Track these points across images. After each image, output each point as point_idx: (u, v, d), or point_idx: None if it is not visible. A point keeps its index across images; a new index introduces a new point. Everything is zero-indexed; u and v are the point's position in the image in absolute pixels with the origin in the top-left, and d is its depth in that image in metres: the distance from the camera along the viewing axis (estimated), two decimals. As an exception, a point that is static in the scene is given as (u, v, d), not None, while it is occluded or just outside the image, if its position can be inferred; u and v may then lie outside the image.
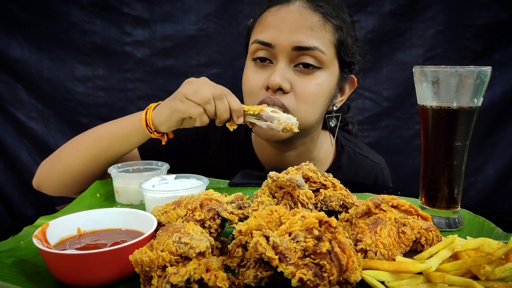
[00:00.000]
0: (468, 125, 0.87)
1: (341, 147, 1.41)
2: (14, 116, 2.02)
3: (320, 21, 1.15)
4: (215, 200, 0.79)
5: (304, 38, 1.13)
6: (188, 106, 1.04)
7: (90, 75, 2.01)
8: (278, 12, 1.17)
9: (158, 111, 1.10)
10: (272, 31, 1.15)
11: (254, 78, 1.19)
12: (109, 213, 0.81)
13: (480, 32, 2.01)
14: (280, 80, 1.12)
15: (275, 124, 1.04)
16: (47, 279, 0.69)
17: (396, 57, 2.06)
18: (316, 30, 1.14)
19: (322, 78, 1.17)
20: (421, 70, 0.87)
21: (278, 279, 0.63)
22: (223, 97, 1.04)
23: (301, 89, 1.15)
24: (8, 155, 2.05)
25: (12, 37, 1.95)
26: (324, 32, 1.15)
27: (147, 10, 1.98)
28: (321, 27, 1.15)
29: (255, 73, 1.19)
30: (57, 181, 1.22)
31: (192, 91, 1.04)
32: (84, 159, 1.17)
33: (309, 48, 1.13)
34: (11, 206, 2.10)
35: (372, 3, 1.98)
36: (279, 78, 1.12)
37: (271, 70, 1.16)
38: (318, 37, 1.14)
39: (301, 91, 1.15)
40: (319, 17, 1.15)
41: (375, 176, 1.43)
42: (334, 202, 0.80)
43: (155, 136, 1.12)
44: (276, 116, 1.04)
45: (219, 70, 2.06)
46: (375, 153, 1.49)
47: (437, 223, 0.87)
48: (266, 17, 1.19)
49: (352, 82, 1.31)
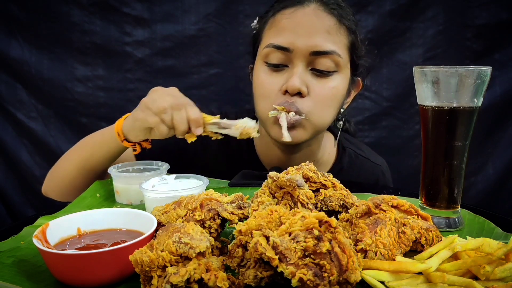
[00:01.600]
0: (468, 125, 0.87)
1: (343, 149, 1.40)
2: (14, 116, 2.02)
3: (336, 24, 1.14)
4: (215, 200, 0.79)
5: (322, 42, 1.12)
6: (146, 115, 1.03)
7: (90, 75, 2.01)
8: (293, 14, 1.14)
9: (126, 120, 1.10)
10: (288, 35, 1.13)
11: (269, 82, 1.17)
12: (109, 213, 0.81)
13: (480, 32, 2.01)
14: (300, 84, 1.11)
15: (233, 130, 1.05)
16: (47, 279, 0.69)
17: (396, 57, 2.06)
18: (333, 33, 1.13)
19: (337, 81, 1.16)
20: (421, 70, 0.87)
21: (278, 279, 0.63)
22: (181, 107, 1.03)
23: (318, 93, 1.14)
24: (8, 155, 2.05)
25: (12, 37, 1.95)
26: (340, 36, 1.14)
27: (147, 10, 1.98)
28: (337, 30, 1.14)
29: (270, 76, 1.17)
30: (57, 188, 1.27)
31: (152, 100, 1.04)
32: (73, 166, 1.22)
33: (327, 53, 1.12)
34: (11, 206, 2.10)
35: (372, 3, 1.98)
36: (298, 82, 1.11)
37: (287, 74, 1.14)
38: (334, 40, 1.13)
39: (317, 95, 1.14)
40: (335, 20, 1.14)
41: (376, 178, 1.43)
42: (334, 202, 0.80)
43: (126, 145, 1.13)
44: (233, 123, 1.05)
45: (219, 70, 2.06)
46: (376, 154, 1.49)
47: (437, 223, 0.87)
48: (280, 19, 1.16)
49: (358, 84, 1.31)
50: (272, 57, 1.16)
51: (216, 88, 2.08)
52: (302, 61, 1.13)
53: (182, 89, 1.10)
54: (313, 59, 1.13)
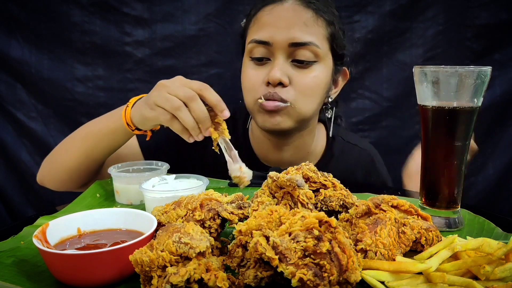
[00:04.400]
0: (468, 125, 0.87)
1: (332, 137, 1.45)
2: (14, 116, 2.01)
3: (313, 17, 1.20)
4: (215, 200, 0.79)
5: (299, 34, 1.17)
6: (157, 114, 1.00)
7: (90, 75, 2.01)
8: (273, 10, 1.21)
9: (134, 112, 1.09)
10: (268, 29, 1.19)
11: (253, 75, 1.23)
12: (109, 213, 0.81)
13: (480, 32, 2.00)
14: (280, 75, 1.17)
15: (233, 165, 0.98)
16: (47, 279, 0.69)
17: (396, 57, 2.05)
18: (310, 25, 1.19)
19: (318, 71, 1.22)
20: (421, 70, 0.87)
21: (278, 279, 0.63)
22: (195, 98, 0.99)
23: (299, 82, 1.19)
24: (8, 155, 2.05)
25: (12, 37, 1.95)
26: (318, 27, 1.20)
27: (147, 10, 1.98)
28: (314, 22, 1.20)
29: (254, 70, 1.23)
30: (55, 177, 1.26)
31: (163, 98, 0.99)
32: (75, 156, 1.20)
33: (304, 44, 1.18)
34: (11, 206, 2.10)
35: (372, 3, 1.97)
36: (279, 73, 1.17)
37: (270, 66, 1.20)
38: (312, 32, 1.19)
39: (299, 84, 1.19)
40: (312, 13, 1.20)
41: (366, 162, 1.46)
42: (334, 202, 0.80)
43: (138, 133, 1.13)
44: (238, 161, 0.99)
45: (219, 70, 2.06)
46: (363, 140, 1.54)
47: (437, 223, 0.87)
48: (261, 16, 1.23)
49: (345, 74, 1.36)
50: (255, 52, 1.22)
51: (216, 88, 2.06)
52: (282, 54, 1.19)
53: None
54: (293, 51, 1.19)
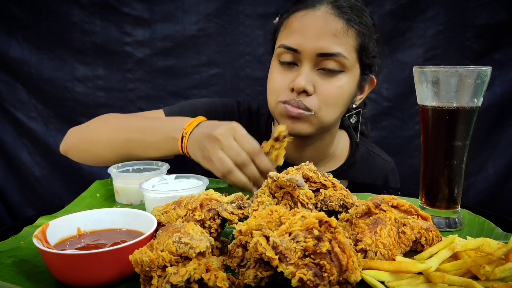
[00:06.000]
0: (468, 125, 0.87)
1: (356, 145, 1.48)
2: (14, 116, 2.02)
3: (344, 28, 1.19)
4: (215, 200, 0.79)
5: (328, 45, 1.18)
6: (211, 168, 1.02)
7: (90, 75, 2.01)
8: (304, 18, 1.21)
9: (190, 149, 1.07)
10: (297, 37, 1.20)
11: (279, 79, 1.24)
12: (109, 213, 0.81)
13: (480, 32, 2.01)
14: (305, 83, 1.18)
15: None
16: (47, 279, 0.69)
17: (396, 57, 2.06)
18: (340, 36, 1.19)
19: (343, 80, 1.22)
20: (421, 70, 0.87)
21: (278, 279, 0.63)
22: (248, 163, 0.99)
23: (323, 92, 1.20)
24: (8, 155, 2.05)
25: (12, 37, 1.95)
26: (347, 38, 1.20)
27: (147, 10, 1.98)
28: (344, 33, 1.19)
29: (281, 74, 1.25)
30: (84, 155, 1.30)
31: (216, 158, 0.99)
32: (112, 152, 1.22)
33: (332, 54, 1.18)
34: (11, 206, 2.10)
35: (372, 3, 1.98)
36: (304, 81, 1.18)
37: (296, 73, 1.21)
38: (341, 43, 1.19)
39: (323, 94, 1.20)
40: (343, 24, 1.20)
41: (386, 174, 1.50)
42: (334, 202, 0.80)
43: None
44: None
45: (219, 70, 2.06)
46: (385, 153, 1.57)
47: (437, 223, 0.87)
48: (292, 22, 1.24)
49: (372, 81, 1.37)
50: (283, 57, 1.23)
51: (216, 88, 2.08)
52: (309, 62, 1.20)
53: (182, 89, 1.10)
54: (320, 60, 1.19)
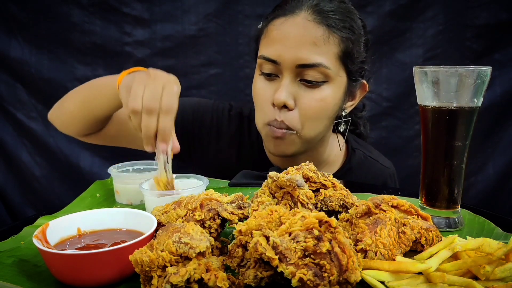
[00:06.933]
0: (468, 125, 0.87)
1: (352, 150, 1.41)
2: (14, 116, 2.02)
3: (324, 35, 1.12)
4: (215, 200, 0.79)
5: (307, 55, 1.11)
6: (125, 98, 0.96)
7: (90, 75, 2.01)
8: (283, 25, 1.15)
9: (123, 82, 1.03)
10: (276, 47, 1.14)
11: (263, 90, 1.19)
12: (109, 213, 0.81)
13: (480, 32, 2.01)
14: (285, 98, 1.12)
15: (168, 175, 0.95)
16: (47, 279, 0.69)
17: (396, 57, 2.06)
18: (320, 45, 1.12)
19: (327, 92, 1.16)
20: (421, 70, 0.87)
21: (278, 279, 0.63)
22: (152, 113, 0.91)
23: (305, 106, 1.15)
24: (8, 155, 2.05)
25: (12, 37, 1.95)
26: (329, 46, 1.13)
27: (147, 10, 1.99)
28: (325, 41, 1.12)
29: (264, 84, 1.20)
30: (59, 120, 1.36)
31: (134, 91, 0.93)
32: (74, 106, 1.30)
33: (312, 65, 1.12)
34: (11, 206, 2.10)
35: (372, 3, 1.98)
36: (284, 95, 1.13)
37: (278, 84, 1.16)
38: (322, 52, 1.12)
39: (304, 108, 1.15)
40: (324, 30, 1.12)
41: (384, 180, 1.43)
42: (334, 202, 0.80)
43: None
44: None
45: (219, 70, 2.07)
46: (384, 157, 1.50)
47: (437, 223, 0.87)
48: (271, 30, 1.17)
49: (363, 86, 1.30)
50: (264, 68, 1.18)
51: (216, 88, 2.08)
52: (289, 73, 1.14)
53: (182, 89, 1.09)
54: (301, 71, 1.13)
